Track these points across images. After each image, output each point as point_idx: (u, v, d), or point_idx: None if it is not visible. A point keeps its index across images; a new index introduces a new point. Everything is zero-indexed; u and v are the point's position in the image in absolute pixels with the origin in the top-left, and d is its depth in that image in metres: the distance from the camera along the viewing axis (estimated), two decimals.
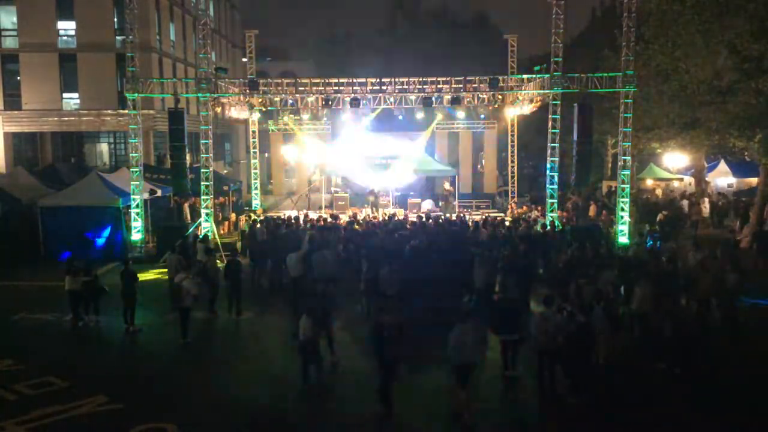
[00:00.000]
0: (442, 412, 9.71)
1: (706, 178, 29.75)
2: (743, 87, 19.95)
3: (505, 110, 27.80)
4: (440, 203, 28.20)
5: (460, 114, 28.36)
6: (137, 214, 21.25)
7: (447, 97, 23.85)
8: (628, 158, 21.21)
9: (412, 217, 23.14)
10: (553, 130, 21.84)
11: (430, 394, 10.28)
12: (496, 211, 29.01)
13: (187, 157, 22.04)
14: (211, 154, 22.43)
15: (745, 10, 19.32)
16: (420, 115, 25.83)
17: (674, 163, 32.14)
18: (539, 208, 25.48)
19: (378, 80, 23.12)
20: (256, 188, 30.19)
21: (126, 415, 9.62)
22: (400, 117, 26.66)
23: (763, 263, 18.75)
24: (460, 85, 23.30)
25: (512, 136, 29.67)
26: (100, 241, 20.57)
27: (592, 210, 25.56)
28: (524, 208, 27.25)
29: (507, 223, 21.30)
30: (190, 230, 21.07)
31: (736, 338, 12.71)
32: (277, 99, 25.02)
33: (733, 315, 13.06)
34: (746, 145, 22.53)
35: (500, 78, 22.85)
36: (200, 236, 19.53)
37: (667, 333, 11.13)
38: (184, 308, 12.88)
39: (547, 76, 21.42)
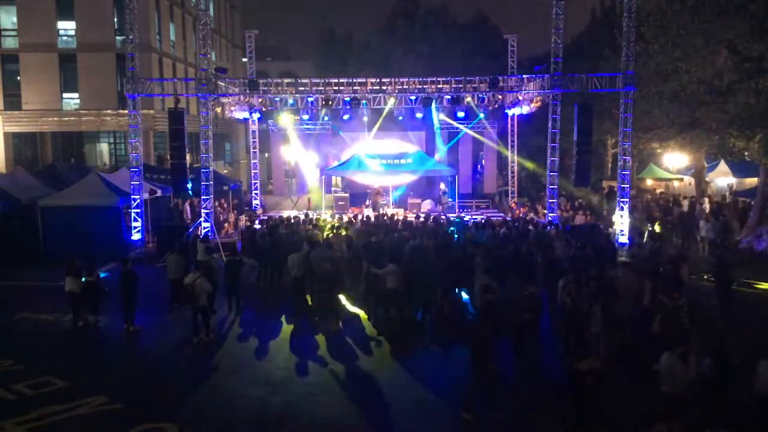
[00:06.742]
0: None
1: (706, 178, 29.74)
2: (743, 87, 19.93)
3: (505, 110, 27.79)
4: (438, 206, 28.30)
5: (460, 114, 28.33)
6: (137, 214, 21.27)
7: (447, 97, 23.85)
8: (628, 158, 21.21)
9: (411, 217, 23.11)
10: (553, 130, 21.85)
11: None
12: (496, 211, 29.03)
13: (187, 157, 22.05)
14: (211, 154, 22.42)
15: (745, 10, 19.28)
16: (419, 115, 25.87)
17: (674, 163, 32.14)
18: (539, 209, 25.43)
19: (378, 80, 23.14)
20: (256, 188, 30.19)
21: (126, 415, 9.61)
22: (400, 117, 26.67)
23: None
24: (460, 85, 23.30)
25: (512, 136, 29.68)
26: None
27: (580, 219, 23.57)
28: (525, 207, 27.24)
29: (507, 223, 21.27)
30: (191, 230, 21.05)
31: None
32: (278, 99, 25.02)
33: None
34: (746, 145, 22.50)
35: (500, 78, 22.85)
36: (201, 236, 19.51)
37: (656, 329, 11.09)
38: (200, 306, 12.90)
39: (547, 76, 21.43)
